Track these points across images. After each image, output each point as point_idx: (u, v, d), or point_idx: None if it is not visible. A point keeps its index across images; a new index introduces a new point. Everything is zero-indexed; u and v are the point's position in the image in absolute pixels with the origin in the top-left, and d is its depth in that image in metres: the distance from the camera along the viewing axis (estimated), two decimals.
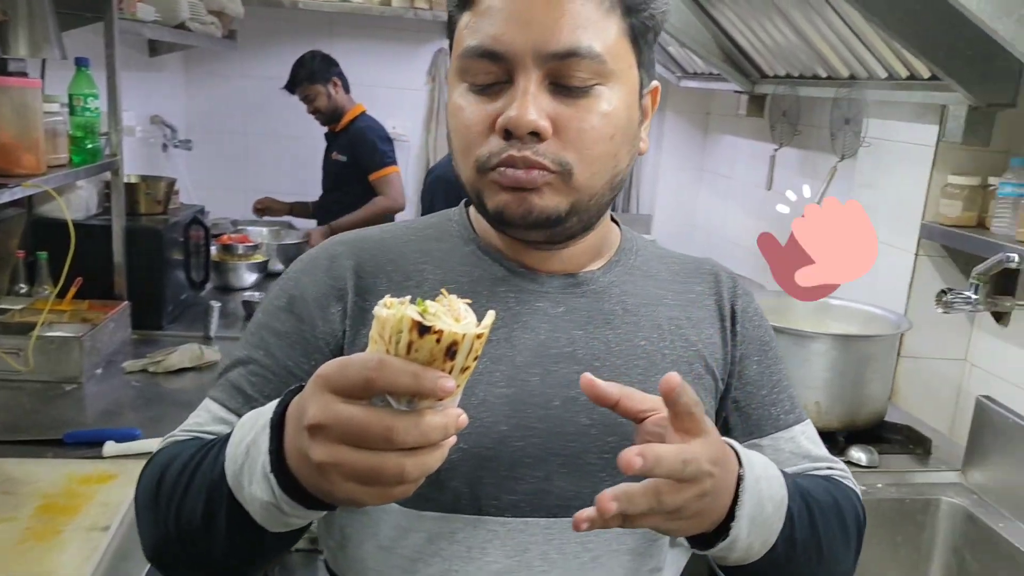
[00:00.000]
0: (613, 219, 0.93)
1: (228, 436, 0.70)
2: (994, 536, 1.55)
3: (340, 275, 0.84)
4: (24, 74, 1.97)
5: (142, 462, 0.82)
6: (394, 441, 0.53)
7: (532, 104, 0.73)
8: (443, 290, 0.60)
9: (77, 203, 2.34)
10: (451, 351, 0.54)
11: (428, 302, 0.56)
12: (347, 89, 3.56)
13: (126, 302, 2.30)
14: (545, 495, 0.79)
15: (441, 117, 4.09)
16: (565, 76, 0.74)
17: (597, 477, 0.79)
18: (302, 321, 0.83)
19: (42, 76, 2.19)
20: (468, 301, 0.59)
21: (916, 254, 2.00)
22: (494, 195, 0.78)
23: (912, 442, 1.82)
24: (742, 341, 0.91)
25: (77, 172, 2.05)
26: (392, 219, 3.46)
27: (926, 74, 1.91)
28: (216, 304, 2.45)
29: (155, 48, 3.52)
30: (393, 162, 3.52)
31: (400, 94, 4.08)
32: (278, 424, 0.62)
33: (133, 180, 2.56)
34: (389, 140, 3.57)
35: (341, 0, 3.80)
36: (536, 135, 0.74)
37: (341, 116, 3.54)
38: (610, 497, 0.61)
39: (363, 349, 0.74)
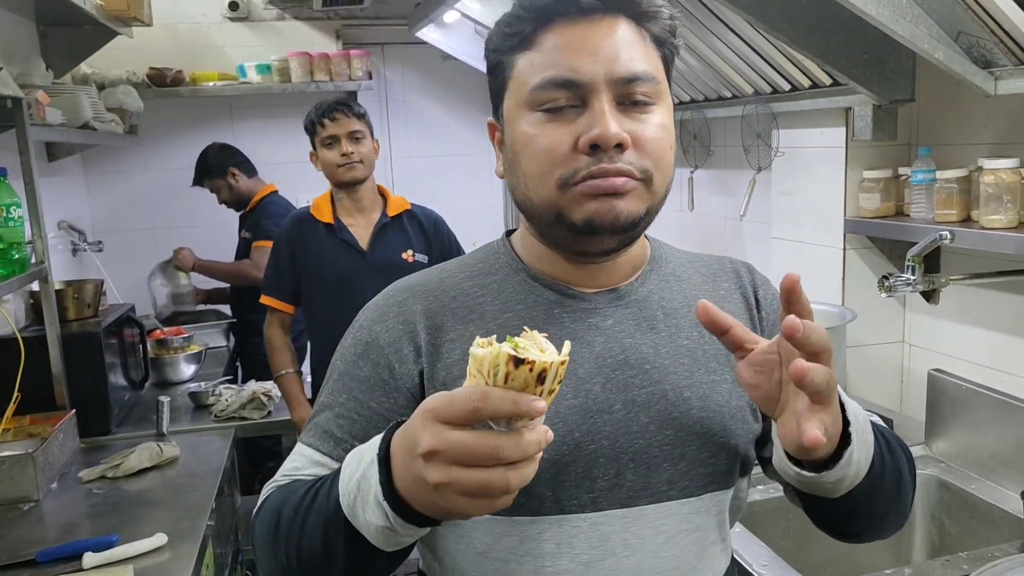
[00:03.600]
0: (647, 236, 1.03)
1: (334, 476, 0.78)
2: (969, 498, 1.64)
3: (409, 318, 0.92)
4: None
5: (127, 568, 0.83)
6: (501, 458, 0.62)
7: (612, 120, 0.83)
8: (525, 328, 0.68)
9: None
10: (541, 377, 0.63)
11: (516, 339, 0.65)
12: (250, 173, 3.57)
13: (72, 411, 2.22)
14: (618, 489, 0.88)
15: None
16: (631, 96, 0.85)
17: (661, 467, 0.89)
18: (378, 365, 0.91)
19: None
20: (546, 335, 0.68)
21: (844, 249, 2.12)
22: (581, 206, 0.85)
23: None
24: (768, 324, 1.01)
25: (9, 284, 1.98)
26: (252, 287, 3.41)
27: (827, 81, 2.05)
28: (166, 399, 2.39)
29: (53, 153, 3.44)
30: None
31: (307, 168, 4.08)
32: (384, 458, 0.70)
33: (58, 287, 2.48)
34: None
35: (240, 83, 3.79)
36: (620, 147, 0.83)
37: (249, 200, 3.54)
38: (805, 367, 0.68)
39: (441, 382, 0.90)
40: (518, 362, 0.62)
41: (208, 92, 3.77)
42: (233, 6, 3.89)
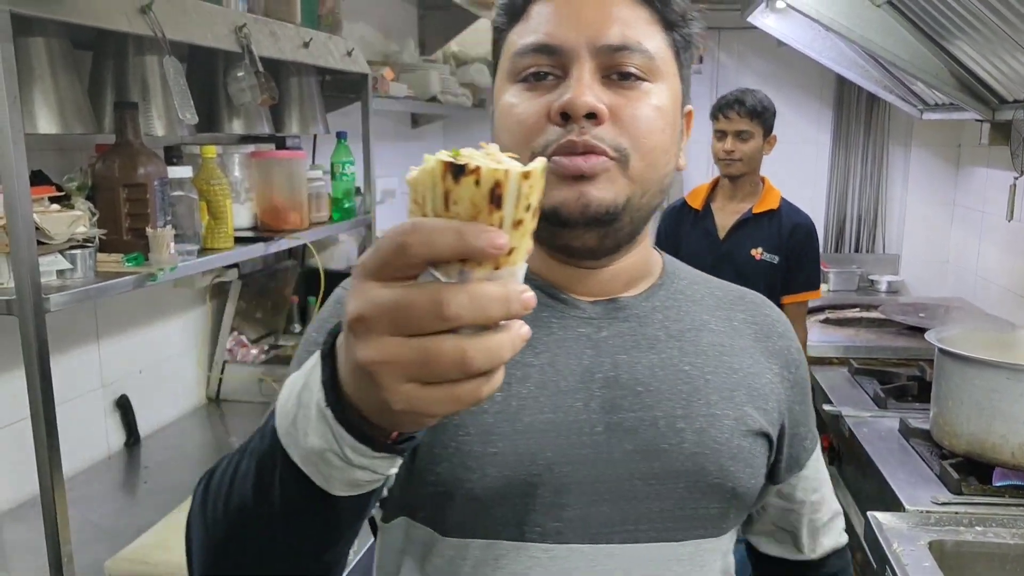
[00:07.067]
0: (657, 249, 0.93)
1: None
2: None
3: None
4: (299, 148, 2.38)
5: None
6: (446, 316, 0.43)
7: (588, 88, 0.75)
8: (482, 142, 0.50)
9: (339, 255, 2.73)
10: (495, 196, 0.45)
11: (465, 149, 0.48)
12: None
13: None
14: (588, 521, 0.78)
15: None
16: (618, 67, 0.77)
17: (642, 504, 0.79)
18: None
19: (313, 148, 2.60)
20: (514, 156, 0.49)
21: None
22: (549, 191, 0.62)
23: None
24: (792, 384, 0.91)
25: (335, 227, 2.41)
26: None
27: None
28: None
29: (416, 120, 3.97)
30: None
31: None
32: (330, 353, 0.51)
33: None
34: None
35: None
36: (593, 117, 0.75)
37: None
38: None
39: None
40: (458, 171, 0.45)
41: None
42: None
